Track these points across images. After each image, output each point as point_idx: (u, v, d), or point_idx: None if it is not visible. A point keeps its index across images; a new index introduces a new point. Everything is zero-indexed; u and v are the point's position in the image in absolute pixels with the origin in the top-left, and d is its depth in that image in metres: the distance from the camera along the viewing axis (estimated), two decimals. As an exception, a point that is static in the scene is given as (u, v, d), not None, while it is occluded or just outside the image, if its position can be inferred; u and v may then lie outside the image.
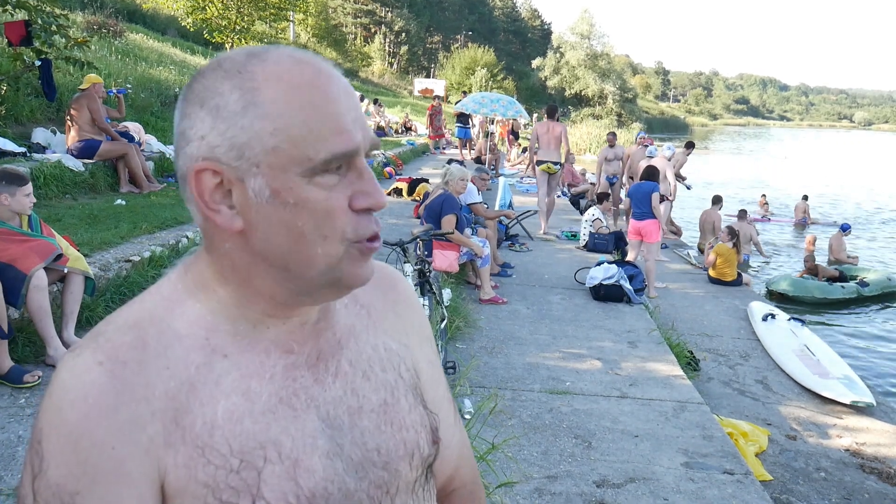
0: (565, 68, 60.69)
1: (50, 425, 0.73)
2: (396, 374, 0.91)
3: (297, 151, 0.74)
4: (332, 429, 0.83)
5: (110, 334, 0.77)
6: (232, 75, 0.76)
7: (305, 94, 0.74)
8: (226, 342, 0.80)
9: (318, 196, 0.75)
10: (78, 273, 4.16)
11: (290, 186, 0.75)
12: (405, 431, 0.89)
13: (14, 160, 7.07)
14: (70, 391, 0.73)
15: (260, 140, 0.74)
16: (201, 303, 0.81)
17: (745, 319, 8.31)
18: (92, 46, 11.07)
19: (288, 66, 0.76)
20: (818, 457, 5.12)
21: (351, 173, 0.77)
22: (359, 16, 64.21)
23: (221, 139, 0.75)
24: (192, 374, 0.77)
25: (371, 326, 0.93)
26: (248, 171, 0.75)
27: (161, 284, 0.84)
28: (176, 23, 24.17)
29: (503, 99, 16.90)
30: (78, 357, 0.75)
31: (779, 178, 30.74)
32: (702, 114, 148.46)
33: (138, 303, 0.82)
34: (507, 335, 5.97)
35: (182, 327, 0.79)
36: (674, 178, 11.58)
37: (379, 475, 0.85)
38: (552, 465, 3.77)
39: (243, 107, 0.74)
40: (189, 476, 0.74)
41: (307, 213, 0.75)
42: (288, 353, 0.83)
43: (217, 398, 0.77)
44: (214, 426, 0.76)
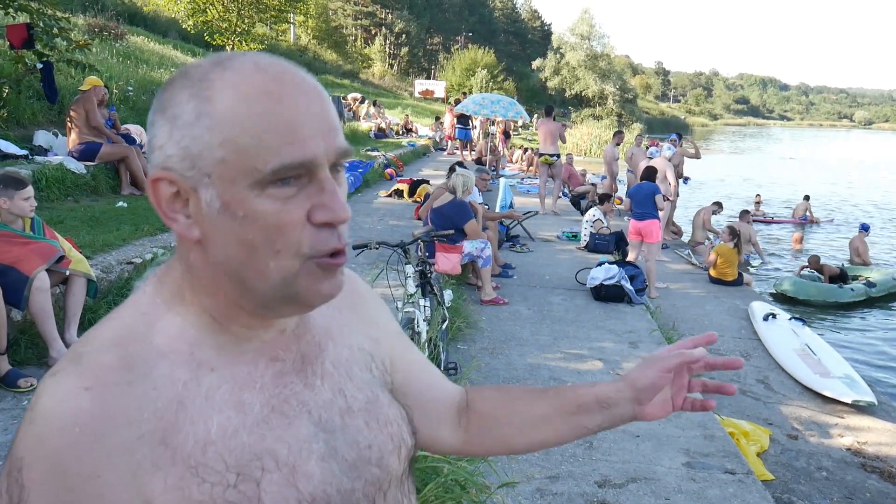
0: (565, 69, 60.75)
1: (32, 455, 0.69)
2: (370, 374, 0.93)
3: (244, 162, 0.71)
4: (325, 432, 0.83)
5: (93, 355, 0.73)
6: (192, 84, 0.74)
7: (258, 103, 0.71)
8: (211, 356, 0.78)
9: (269, 208, 0.72)
10: (80, 275, 4.17)
11: (240, 198, 0.72)
12: (390, 426, 0.90)
13: (16, 163, 7.09)
14: (55, 419, 0.69)
15: (210, 150, 0.72)
16: (181, 316, 0.79)
17: (746, 319, 8.31)
18: (93, 49, 11.08)
19: (246, 73, 0.73)
20: (820, 456, 5.13)
21: (312, 185, 0.74)
22: (359, 17, 64.29)
23: (176, 148, 0.73)
24: (180, 392, 0.75)
25: (344, 326, 0.94)
26: (200, 182, 0.73)
27: (138, 298, 0.81)
28: (177, 25, 24.21)
29: (504, 100, 16.91)
30: (61, 382, 0.71)
31: (785, 178, 30.73)
32: (702, 114, 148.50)
33: (117, 319, 0.79)
34: (509, 336, 5.98)
35: (165, 343, 0.77)
36: (674, 178, 11.59)
37: (373, 473, 0.86)
38: (553, 466, 3.78)
39: (196, 116, 0.72)
40: (182, 497, 0.72)
41: (258, 227, 0.72)
42: (275, 361, 0.82)
43: (209, 414, 0.75)
44: (207, 443, 0.74)
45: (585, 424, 1.05)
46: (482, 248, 6.80)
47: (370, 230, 9.05)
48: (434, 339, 4.28)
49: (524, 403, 1.07)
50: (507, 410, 1.08)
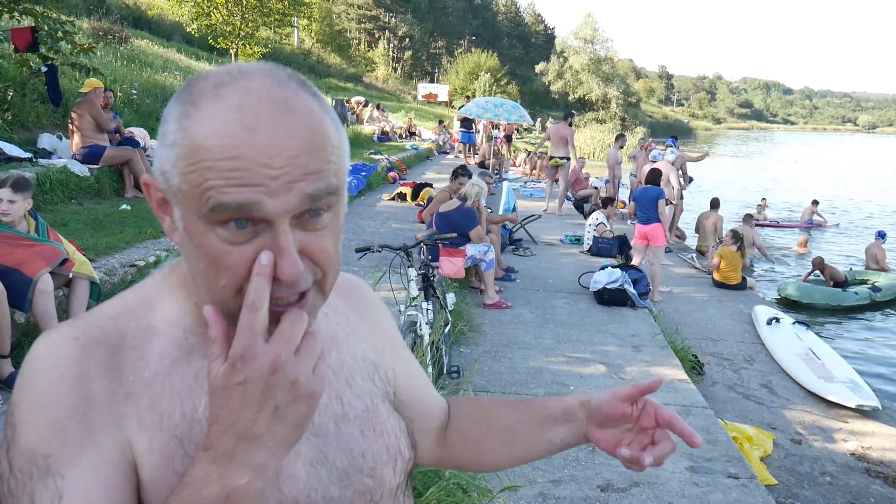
0: (569, 73, 60.73)
1: (20, 395, 0.73)
2: (372, 384, 0.92)
3: (193, 196, 0.70)
4: (316, 436, 0.83)
5: (90, 319, 0.78)
6: (183, 105, 0.72)
7: (221, 144, 0.68)
8: (203, 344, 0.79)
9: (216, 247, 0.70)
10: (83, 278, 4.18)
11: (195, 229, 0.71)
12: (387, 437, 0.89)
13: (20, 165, 7.11)
14: (40, 361, 0.73)
15: (174, 176, 0.72)
16: (180, 303, 0.81)
17: (749, 323, 8.29)
18: (98, 52, 11.13)
19: (223, 109, 0.69)
20: (823, 461, 5.11)
21: (268, 234, 0.70)
22: (363, 21, 64.40)
23: (159, 162, 0.74)
24: (168, 367, 0.77)
25: (351, 334, 0.94)
26: (172, 199, 0.74)
27: (145, 283, 0.84)
28: (181, 29, 24.27)
29: (507, 104, 16.92)
30: (53, 333, 0.76)
31: (790, 183, 30.68)
32: (705, 118, 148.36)
33: (121, 298, 0.82)
34: (511, 339, 5.97)
35: (160, 325, 0.80)
36: (677, 181, 11.58)
37: (364, 482, 0.85)
38: (556, 470, 3.77)
39: (172, 142, 0.71)
40: (166, 465, 0.73)
41: (207, 260, 0.71)
42: None
43: (198, 394, 0.77)
44: (194, 420, 0.75)
45: (551, 438, 1.04)
46: (485, 251, 6.79)
47: (373, 233, 9.06)
48: (436, 343, 4.28)
49: (496, 416, 1.07)
50: (482, 427, 1.08)
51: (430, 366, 3.93)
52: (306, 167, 0.70)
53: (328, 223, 0.74)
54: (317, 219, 0.72)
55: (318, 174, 0.71)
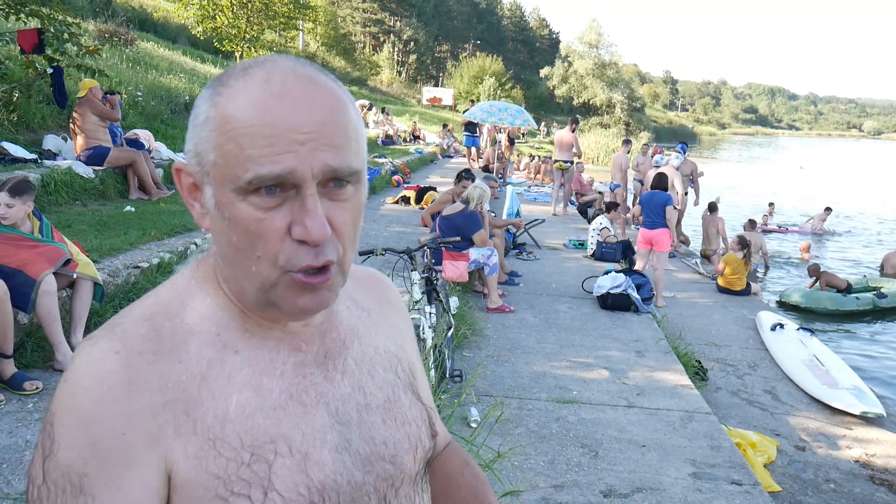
0: (573, 77, 60.81)
1: (63, 408, 0.74)
2: (394, 375, 0.95)
3: (229, 169, 0.75)
4: (340, 424, 0.85)
5: (127, 325, 0.79)
6: (213, 87, 0.79)
7: (251, 112, 0.74)
8: (236, 339, 0.82)
9: (250, 216, 0.75)
10: (87, 279, 4.18)
11: (227, 201, 0.76)
12: (408, 426, 0.92)
13: (25, 167, 7.13)
14: (85, 377, 0.75)
15: (208, 153, 0.77)
16: (211, 297, 0.84)
17: (753, 329, 8.26)
18: (103, 54, 11.16)
19: (252, 83, 0.76)
20: (827, 468, 5.08)
21: (297, 199, 0.75)
22: (368, 25, 64.55)
23: (190, 145, 0.79)
24: (204, 369, 0.79)
25: (372, 328, 0.97)
26: (204, 178, 0.79)
27: (175, 279, 0.87)
28: (186, 31, 24.32)
29: (511, 108, 16.92)
30: (94, 345, 0.77)
31: (797, 189, 30.60)
32: (710, 123, 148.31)
33: (153, 296, 0.84)
34: (514, 344, 5.96)
35: (194, 322, 0.82)
36: (682, 186, 11.57)
37: (386, 469, 0.88)
38: (559, 475, 3.76)
39: (205, 119, 0.77)
40: (199, 467, 0.76)
41: (241, 230, 0.76)
42: (297, 352, 0.85)
43: (229, 393, 0.79)
44: (226, 420, 0.78)
45: None
46: (489, 255, 6.79)
47: (376, 236, 9.06)
48: (439, 346, 4.27)
49: None
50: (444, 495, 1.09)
51: (433, 370, 3.92)
52: (331, 138, 0.76)
53: (351, 198, 0.79)
54: (341, 189, 0.78)
55: (342, 148, 0.76)
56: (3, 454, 3.07)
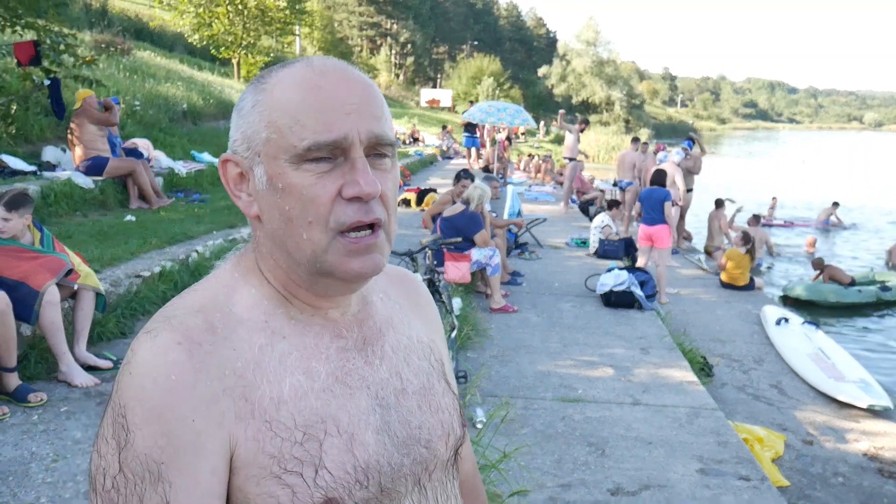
0: (572, 76, 60.81)
1: (134, 400, 0.78)
2: (428, 364, 1.00)
3: (283, 141, 0.82)
4: (381, 407, 0.90)
5: (182, 317, 0.83)
6: (256, 81, 0.88)
7: (300, 91, 0.82)
8: (283, 325, 0.87)
9: (304, 182, 0.82)
10: (89, 289, 4.18)
11: (280, 172, 0.83)
12: (441, 413, 0.96)
13: (25, 179, 7.13)
14: (152, 369, 0.78)
15: (259, 132, 0.84)
16: (255, 288, 0.89)
17: (758, 324, 8.24)
18: (100, 65, 11.15)
19: (296, 69, 0.85)
20: (835, 461, 5.06)
21: (346, 164, 0.82)
22: (364, 28, 64.62)
23: (238, 134, 0.87)
24: (257, 354, 0.84)
25: (405, 319, 1.01)
26: (254, 161, 0.85)
27: (219, 272, 0.92)
28: (183, 39, 24.37)
29: (510, 107, 16.92)
30: (157, 337, 0.81)
31: (799, 182, 30.53)
32: (710, 118, 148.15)
33: (200, 290, 0.88)
34: (518, 343, 5.94)
35: (242, 312, 0.86)
36: (682, 183, 11.55)
37: (420, 453, 0.92)
38: (565, 474, 3.75)
39: (252, 105, 0.85)
40: (258, 448, 0.80)
41: (294, 198, 0.82)
42: (338, 338, 0.90)
43: (283, 376, 0.84)
44: (281, 402, 0.82)
45: None
46: (491, 255, 6.78)
47: (378, 240, 9.04)
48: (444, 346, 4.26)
49: None
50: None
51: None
52: (372, 110, 0.85)
53: (390, 169, 0.87)
54: (382, 160, 0.86)
55: (381, 119, 0.85)
56: (8, 466, 3.06)
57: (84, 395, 3.82)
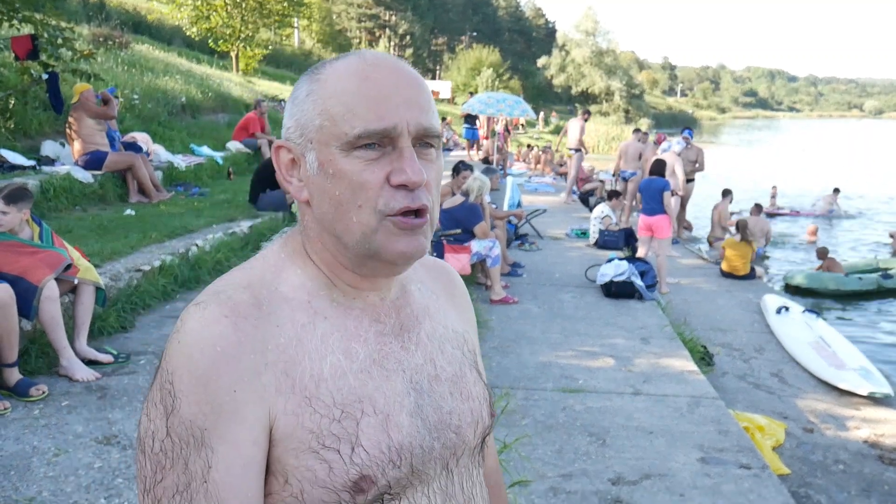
0: (571, 66, 60.61)
1: (182, 367, 0.81)
2: (461, 353, 1.02)
3: (336, 128, 0.86)
4: (415, 391, 0.92)
5: (230, 292, 0.86)
6: (310, 73, 0.91)
7: (353, 81, 0.86)
8: (325, 306, 0.90)
9: (354, 168, 0.85)
10: (88, 283, 4.18)
11: (331, 159, 0.86)
12: (472, 401, 0.99)
13: (24, 173, 7.12)
14: (200, 339, 0.82)
15: (312, 120, 0.88)
16: (301, 269, 0.92)
17: (758, 313, 8.25)
18: (98, 58, 11.13)
19: (350, 61, 0.89)
20: (836, 449, 5.07)
21: (394, 153, 0.86)
22: (363, 20, 64.38)
23: (292, 122, 0.91)
24: (299, 332, 0.87)
25: (441, 309, 1.04)
26: (306, 147, 0.89)
27: (266, 253, 0.95)
28: (181, 33, 24.28)
29: (509, 98, 16.88)
30: (205, 309, 0.84)
31: (799, 171, 30.45)
32: (710, 107, 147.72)
33: (248, 268, 0.92)
34: (519, 335, 5.95)
35: (287, 291, 0.89)
36: (682, 172, 11.53)
37: (450, 438, 0.94)
38: (567, 464, 3.75)
39: (307, 94, 0.89)
40: (297, 423, 0.83)
41: (344, 183, 0.86)
42: (377, 322, 0.93)
43: (324, 354, 0.87)
44: (320, 379, 0.85)
45: None
46: (491, 247, 6.77)
47: (378, 232, 9.04)
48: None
49: None
50: None
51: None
52: (419, 101, 0.88)
53: (435, 160, 0.91)
54: (427, 150, 0.89)
55: (429, 111, 0.89)
56: (10, 461, 3.07)
57: (85, 390, 3.82)
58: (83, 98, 7.88)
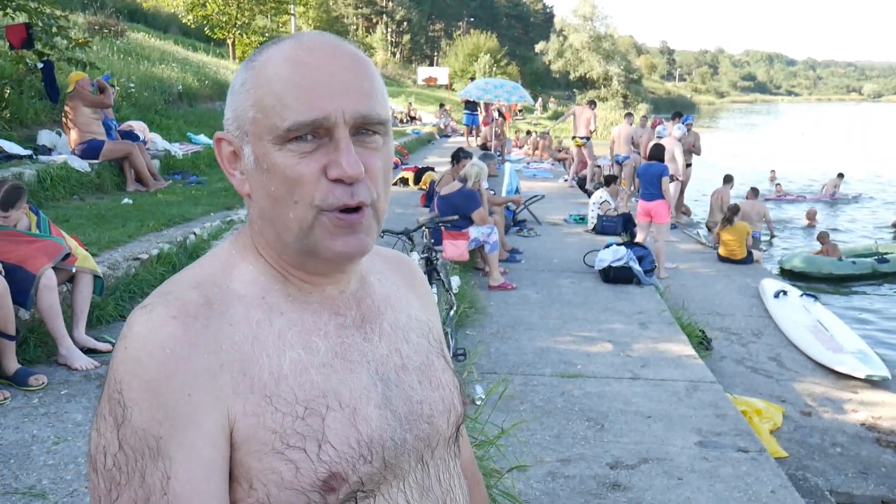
0: (569, 51, 60.22)
1: (130, 374, 0.77)
2: (427, 341, 0.99)
3: (267, 120, 0.81)
4: (382, 382, 0.89)
5: (178, 292, 0.83)
6: (248, 59, 0.87)
7: (285, 68, 0.81)
8: (280, 301, 0.87)
9: (287, 162, 0.81)
10: (87, 272, 4.18)
11: (265, 152, 0.82)
12: (442, 389, 0.96)
13: (21, 163, 7.10)
14: (148, 343, 0.77)
15: (246, 112, 0.83)
16: (252, 265, 0.88)
17: (756, 297, 8.26)
18: (93, 47, 11.07)
19: (287, 45, 0.84)
20: (834, 432, 5.10)
21: (331, 143, 0.81)
22: (360, 6, 64.02)
23: (230, 113, 0.86)
24: (255, 329, 0.83)
25: (402, 298, 1.01)
26: (243, 140, 0.85)
27: (217, 250, 0.92)
28: (177, 20, 24.16)
29: (507, 84, 16.84)
30: (152, 312, 0.80)
31: (798, 155, 30.37)
32: (708, 92, 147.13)
33: (198, 266, 0.88)
34: (517, 321, 5.96)
35: (240, 288, 0.86)
36: (682, 157, 11.51)
37: (423, 428, 0.91)
38: (565, 448, 3.77)
39: (241, 83, 0.85)
40: (258, 423, 0.79)
41: (279, 178, 0.81)
42: (336, 315, 0.90)
43: (283, 350, 0.83)
44: (281, 377, 0.81)
45: None
46: (489, 233, 6.77)
47: (376, 219, 9.03)
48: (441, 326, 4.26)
49: None
50: None
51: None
52: (360, 87, 0.83)
53: (381, 147, 0.85)
54: (371, 137, 0.84)
55: (370, 97, 0.83)
56: (10, 450, 3.08)
57: (84, 378, 3.83)
58: (79, 86, 7.85)
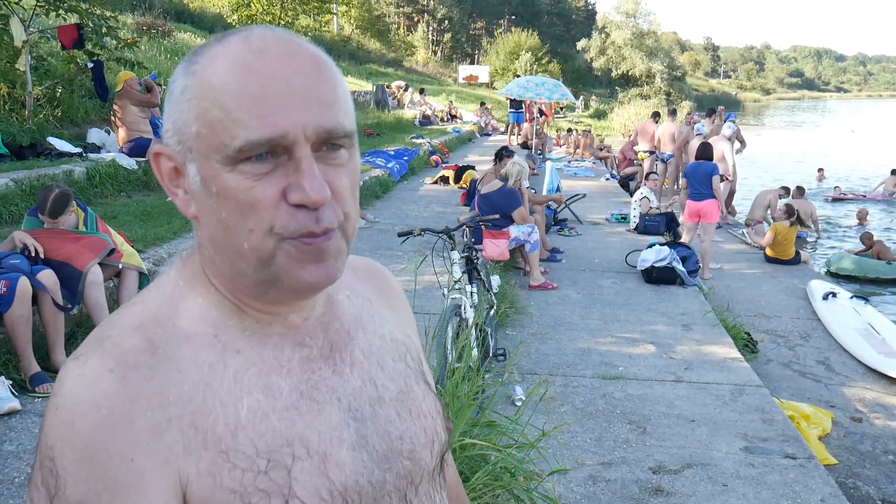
0: (611, 48, 59.60)
1: (62, 440, 0.67)
2: (404, 364, 0.89)
3: (214, 137, 0.69)
4: (355, 420, 0.79)
5: (116, 338, 0.71)
6: (186, 59, 0.73)
7: (232, 75, 0.69)
8: (235, 338, 0.76)
9: (240, 185, 0.69)
10: (132, 268, 4.26)
11: (213, 174, 0.70)
12: (423, 418, 0.86)
13: (71, 161, 7.28)
14: (81, 402, 0.67)
15: (188, 125, 0.71)
16: (203, 297, 0.77)
17: (804, 299, 8.06)
18: (142, 47, 11.31)
19: (233, 45, 0.71)
20: (886, 439, 4.94)
21: (290, 162, 0.70)
22: (401, 5, 64.21)
23: (169, 123, 0.74)
24: (206, 374, 0.72)
25: (375, 316, 0.90)
26: (186, 156, 0.72)
27: (161, 281, 0.80)
28: (222, 20, 24.52)
29: (548, 82, 16.74)
30: (85, 365, 0.69)
31: (850, 153, 29.57)
32: (754, 89, 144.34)
33: (140, 303, 0.77)
34: (558, 321, 5.90)
35: (188, 326, 0.75)
36: (732, 157, 11.27)
37: (405, 465, 0.82)
38: (606, 452, 3.72)
39: (181, 90, 0.72)
40: (214, 484, 0.69)
41: (231, 204, 0.70)
42: (301, 347, 0.79)
43: (239, 396, 0.73)
44: (238, 427, 0.71)
45: None
46: (529, 232, 6.72)
47: (416, 217, 9.06)
48: (481, 325, 4.24)
49: None
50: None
51: (475, 349, 3.89)
52: (321, 95, 0.70)
53: (347, 162, 0.74)
54: (335, 152, 0.72)
55: (333, 107, 0.71)
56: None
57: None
58: (127, 86, 8.02)
